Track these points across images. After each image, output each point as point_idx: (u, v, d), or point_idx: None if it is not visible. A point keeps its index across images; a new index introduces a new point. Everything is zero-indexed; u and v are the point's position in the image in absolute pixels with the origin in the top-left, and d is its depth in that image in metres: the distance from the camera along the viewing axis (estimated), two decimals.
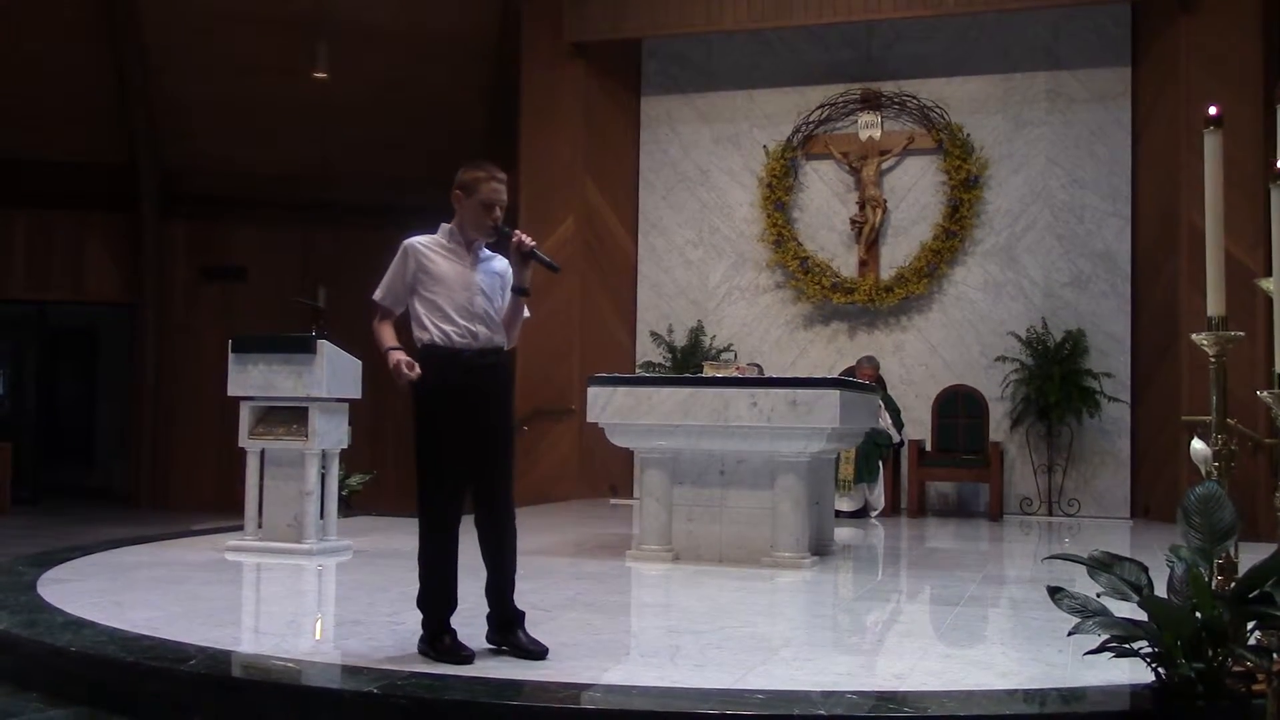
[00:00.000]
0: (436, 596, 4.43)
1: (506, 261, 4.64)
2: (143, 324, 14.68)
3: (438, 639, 4.37)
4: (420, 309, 4.47)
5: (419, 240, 4.54)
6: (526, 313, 4.71)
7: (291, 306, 10.72)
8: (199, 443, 14.25)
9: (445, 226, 4.57)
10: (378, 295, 4.56)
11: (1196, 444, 4.20)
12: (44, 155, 14.14)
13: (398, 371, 4.37)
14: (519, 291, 4.62)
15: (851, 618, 5.88)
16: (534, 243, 4.59)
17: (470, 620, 4.48)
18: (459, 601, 4.47)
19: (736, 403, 7.05)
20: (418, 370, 4.37)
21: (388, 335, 4.50)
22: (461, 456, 4.42)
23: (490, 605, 4.51)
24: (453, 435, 4.40)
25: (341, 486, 8.50)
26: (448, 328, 4.42)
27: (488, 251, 4.60)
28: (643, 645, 4.93)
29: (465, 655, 4.29)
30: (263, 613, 5.85)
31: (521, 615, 4.52)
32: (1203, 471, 4.11)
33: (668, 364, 12.01)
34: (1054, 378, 10.90)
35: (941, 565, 7.77)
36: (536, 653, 4.37)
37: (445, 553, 4.43)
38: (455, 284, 4.46)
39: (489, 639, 4.49)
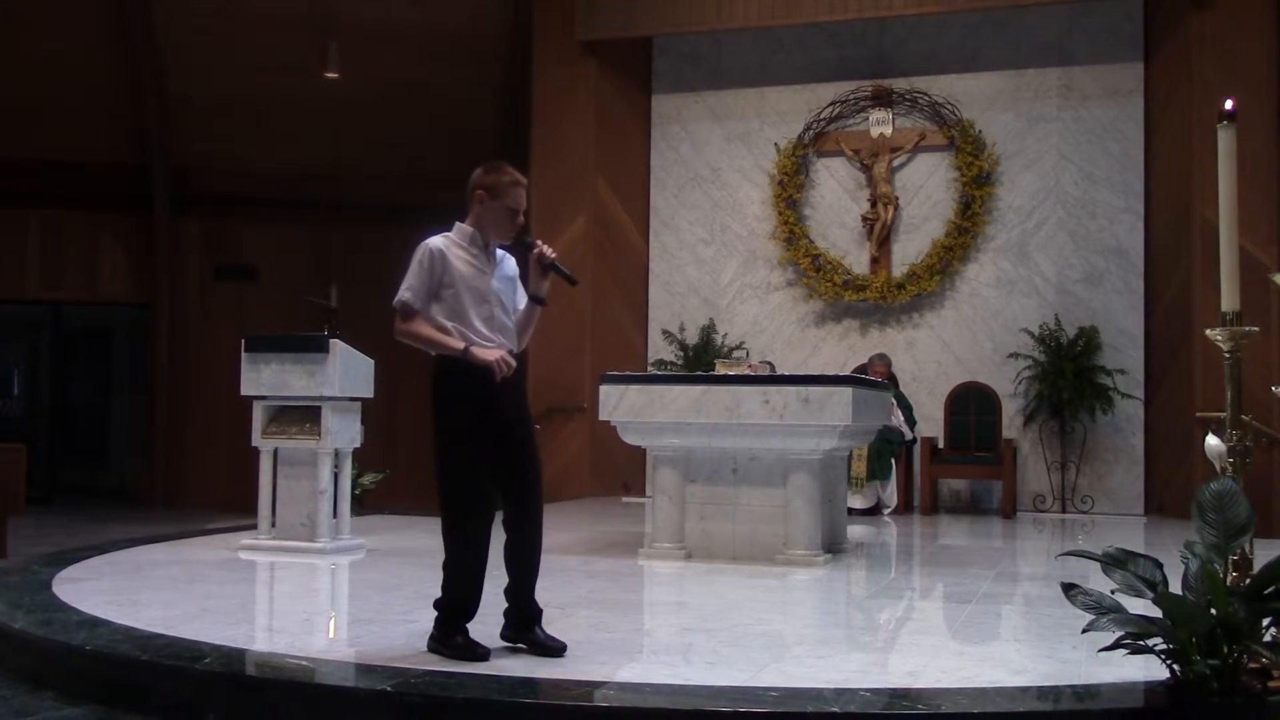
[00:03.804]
0: (459, 605, 4.40)
1: (515, 262, 4.61)
2: (156, 324, 14.72)
3: (450, 637, 4.37)
4: (440, 316, 4.36)
5: (442, 244, 4.41)
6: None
7: (303, 306, 10.74)
8: (212, 442, 14.28)
9: (464, 228, 4.47)
10: (408, 298, 4.34)
11: (1211, 440, 4.17)
12: (57, 156, 14.18)
13: (503, 365, 4.26)
14: (536, 301, 4.60)
15: (864, 615, 5.88)
16: (554, 255, 4.53)
17: (483, 617, 4.48)
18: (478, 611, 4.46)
19: (749, 400, 7.04)
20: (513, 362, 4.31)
21: (447, 337, 4.33)
22: (488, 464, 4.38)
23: (510, 603, 4.48)
24: (479, 444, 4.34)
25: (354, 485, 8.51)
26: (472, 337, 4.35)
27: (500, 252, 4.55)
28: (655, 643, 4.93)
29: (481, 652, 4.29)
30: (277, 611, 5.86)
31: (540, 613, 4.50)
32: (1217, 467, 4.09)
33: (679, 362, 12.01)
34: (1067, 374, 10.86)
35: (954, 562, 7.76)
36: (555, 649, 4.37)
37: (473, 564, 4.39)
38: (476, 293, 4.39)
39: (504, 636, 4.47)
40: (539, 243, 4.52)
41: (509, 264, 4.59)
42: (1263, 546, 4.15)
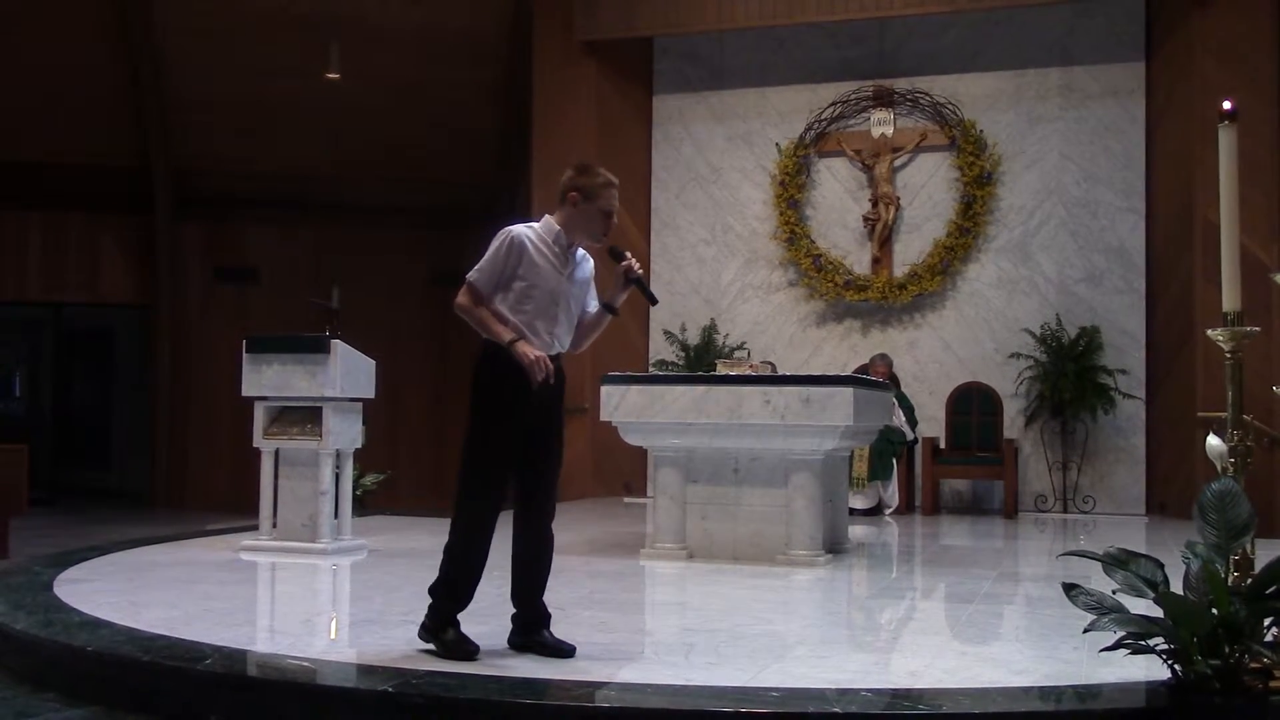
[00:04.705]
0: (454, 590, 4.39)
1: (592, 265, 4.57)
2: (157, 325, 14.74)
3: (443, 630, 4.35)
4: (503, 307, 4.33)
5: (527, 235, 4.35)
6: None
7: (305, 307, 10.74)
8: (214, 443, 14.30)
9: (551, 225, 4.41)
10: (478, 281, 4.32)
11: (1212, 440, 4.17)
12: (58, 158, 14.21)
13: (539, 367, 4.22)
14: (609, 310, 4.56)
15: (866, 615, 5.87)
16: (640, 271, 4.49)
17: (484, 619, 4.48)
18: (472, 600, 4.45)
19: (750, 401, 7.04)
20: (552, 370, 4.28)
21: (500, 326, 4.30)
22: (513, 457, 4.37)
23: (518, 606, 4.47)
24: (509, 436, 4.33)
25: (356, 486, 8.51)
26: (529, 335, 4.31)
27: (581, 253, 4.51)
28: (657, 643, 4.93)
29: (470, 649, 4.27)
30: (278, 612, 5.86)
31: (549, 616, 4.49)
32: (1218, 467, 4.08)
33: (681, 362, 12.00)
34: (1068, 374, 10.86)
35: (956, 563, 7.76)
36: (564, 651, 4.36)
37: (477, 550, 4.37)
38: (548, 293, 4.35)
39: (512, 643, 4.45)
40: (629, 255, 4.49)
41: (588, 265, 4.55)
42: (1264, 546, 4.15)
